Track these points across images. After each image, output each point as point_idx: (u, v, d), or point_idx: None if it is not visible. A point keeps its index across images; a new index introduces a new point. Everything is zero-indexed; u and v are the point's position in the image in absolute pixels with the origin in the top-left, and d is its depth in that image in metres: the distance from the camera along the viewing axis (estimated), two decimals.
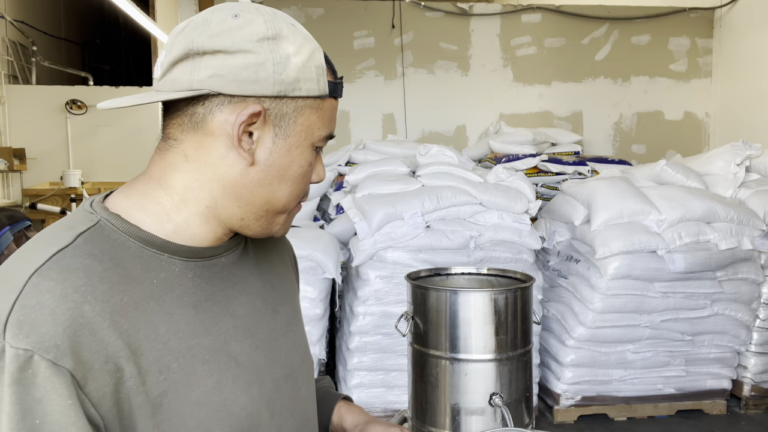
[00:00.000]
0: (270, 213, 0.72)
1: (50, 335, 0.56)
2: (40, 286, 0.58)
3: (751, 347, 3.31)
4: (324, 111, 0.71)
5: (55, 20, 8.42)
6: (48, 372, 0.55)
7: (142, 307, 0.63)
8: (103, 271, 0.62)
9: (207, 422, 0.66)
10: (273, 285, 0.82)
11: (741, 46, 4.93)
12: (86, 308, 0.58)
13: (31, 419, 0.54)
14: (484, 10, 5.13)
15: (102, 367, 0.58)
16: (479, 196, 3.14)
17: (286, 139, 0.70)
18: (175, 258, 0.69)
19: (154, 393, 0.62)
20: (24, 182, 6.86)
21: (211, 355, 0.68)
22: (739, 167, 3.47)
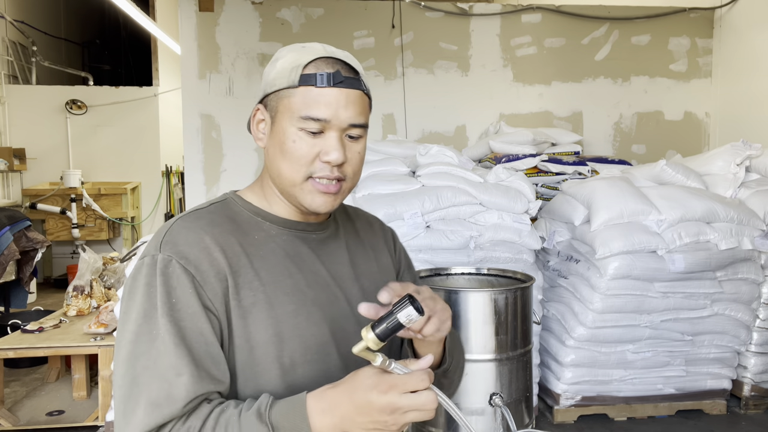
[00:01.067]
0: (286, 186, 0.96)
1: (183, 251, 0.89)
2: (182, 224, 0.94)
3: (751, 347, 3.31)
4: (298, 97, 0.93)
5: (55, 20, 8.42)
6: (179, 271, 0.88)
7: (245, 247, 0.94)
8: (222, 223, 0.95)
9: (282, 335, 0.92)
10: (358, 263, 1.07)
11: (741, 46, 4.92)
12: (206, 239, 0.91)
13: (171, 296, 0.87)
14: (484, 10, 5.13)
15: (215, 276, 0.89)
16: (479, 196, 3.14)
17: (275, 123, 0.96)
18: (273, 225, 0.99)
19: (245, 303, 0.91)
20: (24, 182, 6.86)
21: (292, 290, 0.94)
22: (739, 167, 3.47)
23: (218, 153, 4.87)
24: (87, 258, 3.86)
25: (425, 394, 0.80)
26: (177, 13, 5.05)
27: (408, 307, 0.79)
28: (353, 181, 0.99)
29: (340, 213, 1.13)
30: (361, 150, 0.99)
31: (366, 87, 0.97)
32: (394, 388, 0.79)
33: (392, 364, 0.80)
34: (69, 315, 3.55)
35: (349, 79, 0.94)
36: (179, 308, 0.86)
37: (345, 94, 0.93)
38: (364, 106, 0.96)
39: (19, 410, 3.29)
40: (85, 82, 7.75)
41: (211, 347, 0.87)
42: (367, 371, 0.82)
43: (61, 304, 4.09)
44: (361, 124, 0.96)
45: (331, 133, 0.93)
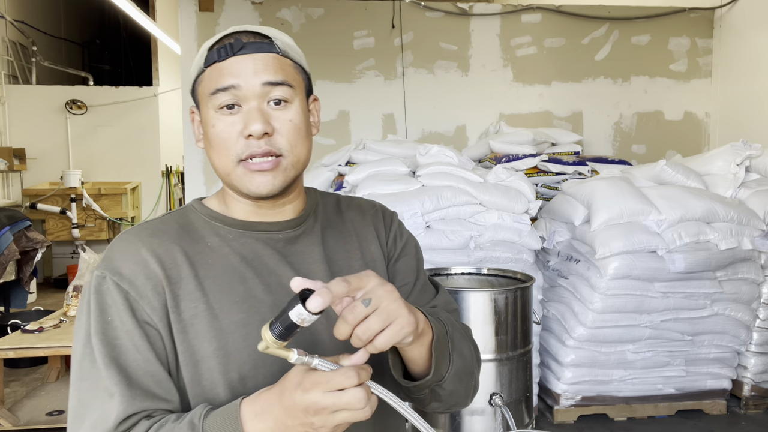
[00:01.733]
0: (224, 176, 0.90)
1: (117, 266, 0.86)
2: (123, 237, 0.90)
3: (751, 347, 3.31)
4: (206, 79, 0.88)
5: (55, 20, 8.42)
6: (112, 288, 0.84)
7: (190, 257, 0.89)
8: (167, 231, 0.90)
9: (227, 348, 0.85)
10: (335, 259, 0.98)
11: (741, 46, 4.92)
12: (143, 251, 0.87)
13: (105, 315, 0.84)
14: (484, 10, 5.13)
15: (152, 289, 0.85)
16: (479, 196, 3.14)
17: (201, 117, 0.91)
18: (231, 228, 0.93)
19: (185, 315, 0.85)
20: (24, 182, 6.86)
21: (242, 299, 0.88)
22: (739, 167, 3.47)
23: None
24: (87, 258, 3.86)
25: (352, 391, 0.69)
26: (177, 13, 5.05)
27: (297, 305, 0.69)
28: (295, 155, 0.89)
29: (326, 206, 1.04)
30: (294, 117, 0.88)
31: (281, 49, 0.88)
32: (317, 386, 0.70)
33: (314, 360, 0.72)
34: (69, 315, 3.55)
35: (253, 44, 0.87)
36: (114, 326, 0.83)
37: (251, 60, 0.86)
38: (281, 67, 0.88)
39: (19, 410, 3.29)
40: (85, 82, 7.74)
41: (150, 365, 0.83)
42: (295, 370, 0.74)
43: (61, 304, 4.09)
44: (280, 82, 0.86)
45: (247, 104, 0.86)
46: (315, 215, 1.01)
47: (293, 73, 0.90)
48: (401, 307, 0.73)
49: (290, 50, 0.91)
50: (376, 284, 0.73)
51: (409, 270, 1.06)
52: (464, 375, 0.92)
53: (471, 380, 0.96)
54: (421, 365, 0.86)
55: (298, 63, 0.92)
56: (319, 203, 1.03)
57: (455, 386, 0.90)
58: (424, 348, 0.84)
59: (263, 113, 0.86)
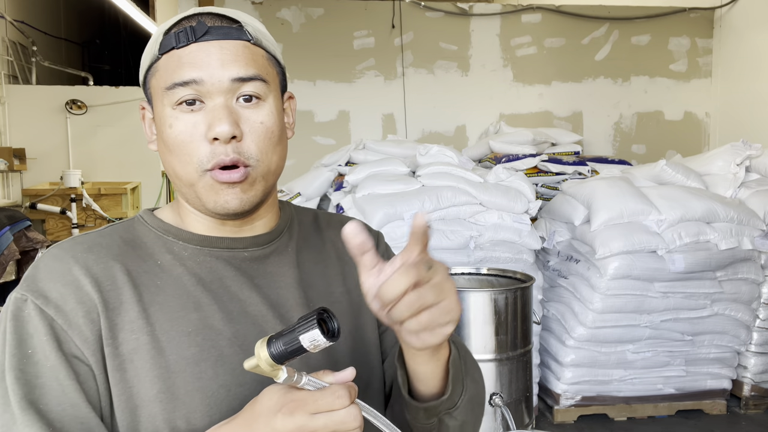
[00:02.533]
0: (184, 186, 0.75)
1: (43, 288, 0.70)
2: (54, 251, 0.74)
3: (751, 347, 3.31)
4: (161, 69, 0.73)
5: (55, 20, 8.42)
6: (35, 314, 0.68)
7: (134, 277, 0.73)
8: (106, 246, 0.75)
9: (175, 389, 0.69)
10: (312, 284, 0.82)
11: (741, 46, 4.92)
12: (75, 269, 0.71)
13: (25, 347, 0.67)
14: (484, 10, 5.13)
15: (84, 316, 0.69)
16: (479, 196, 3.14)
17: (155, 114, 0.76)
18: (187, 244, 0.77)
19: (124, 348, 0.70)
20: (24, 182, 6.85)
21: (196, 329, 0.72)
22: (739, 167, 3.47)
23: None
24: None
25: (346, 410, 0.59)
26: (177, 13, 5.04)
27: (313, 328, 0.58)
28: (265, 165, 0.74)
29: (303, 223, 0.89)
30: (266, 119, 0.73)
31: (253, 36, 0.74)
32: (302, 408, 0.59)
33: (303, 378, 0.61)
34: None
35: (219, 28, 0.72)
36: (35, 362, 0.67)
37: (217, 47, 0.71)
38: (253, 58, 0.73)
39: None
40: (85, 82, 7.75)
41: (78, 410, 0.66)
42: (270, 392, 0.62)
43: None
44: (252, 77, 0.72)
45: (212, 100, 0.71)
46: (289, 232, 0.85)
47: (267, 65, 0.75)
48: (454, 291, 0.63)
49: (263, 38, 0.76)
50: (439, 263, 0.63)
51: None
52: (476, 405, 0.80)
53: (481, 412, 0.83)
54: (432, 385, 0.73)
55: (272, 54, 0.77)
56: (294, 219, 0.88)
57: (466, 416, 0.77)
58: (440, 365, 0.72)
59: (231, 112, 0.71)
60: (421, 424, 0.75)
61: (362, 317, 0.85)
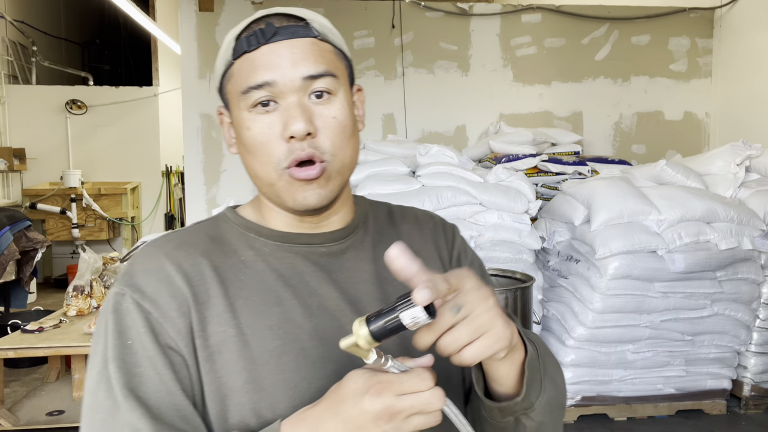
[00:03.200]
0: (264, 186, 0.78)
1: (139, 283, 0.75)
2: (147, 249, 0.79)
3: (751, 347, 3.31)
4: (236, 74, 0.76)
5: (55, 20, 8.42)
6: (133, 308, 0.73)
7: (221, 272, 0.77)
8: (194, 243, 0.79)
9: (259, 380, 0.73)
10: (389, 278, 0.79)
11: (741, 46, 4.92)
12: (167, 265, 0.76)
13: (125, 338, 0.72)
14: (484, 10, 5.13)
15: (177, 309, 0.73)
16: (479, 196, 3.14)
17: (233, 118, 0.79)
18: (268, 240, 0.81)
19: (213, 341, 0.74)
20: (24, 182, 6.86)
21: (278, 323, 0.75)
22: (739, 167, 3.47)
23: (218, 153, 4.87)
24: (87, 258, 3.86)
25: (431, 392, 0.61)
26: (177, 13, 5.05)
27: (413, 306, 0.60)
28: (340, 159, 0.76)
29: (378, 217, 0.91)
30: (338, 114, 0.76)
31: (320, 32, 0.77)
32: (389, 389, 0.61)
33: (389, 361, 0.63)
34: (69, 315, 3.55)
35: (287, 28, 0.75)
36: (134, 352, 0.71)
37: (287, 47, 0.74)
38: (321, 53, 0.76)
39: (19, 410, 3.29)
40: (85, 82, 7.75)
41: (174, 397, 0.71)
42: (354, 375, 0.64)
43: (61, 304, 4.09)
44: (322, 73, 0.74)
45: (286, 100, 0.74)
46: (365, 227, 0.87)
47: (335, 60, 0.78)
48: (496, 318, 0.62)
49: (329, 33, 0.79)
50: (472, 287, 0.63)
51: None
52: (555, 407, 0.79)
53: (561, 415, 0.82)
54: (508, 386, 0.73)
55: (339, 48, 0.80)
56: (370, 213, 0.90)
57: (544, 417, 0.77)
58: (515, 367, 0.72)
59: (305, 110, 0.73)
60: (497, 422, 0.76)
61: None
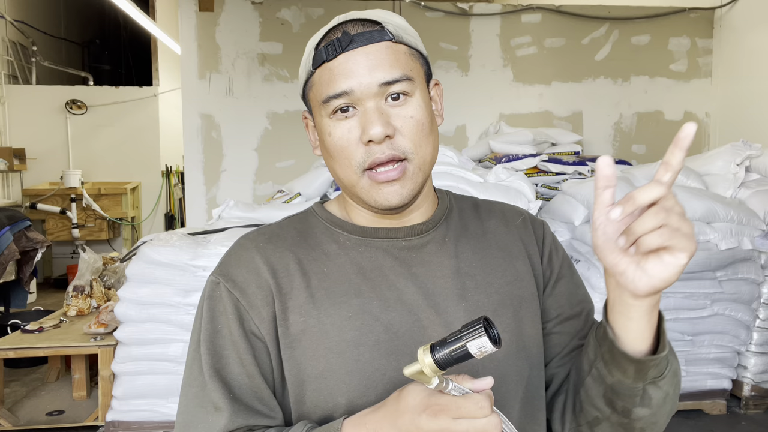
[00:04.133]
0: (347, 187, 0.82)
1: (232, 273, 0.81)
2: (241, 241, 0.86)
3: (751, 347, 3.31)
4: (317, 83, 0.80)
5: (55, 20, 8.42)
6: (225, 295, 0.80)
7: (304, 265, 0.82)
8: (284, 237, 0.85)
9: (337, 368, 0.77)
10: (471, 274, 0.84)
11: (741, 46, 4.92)
12: (257, 258, 0.82)
13: (216, 322, 0.80)
14: (484, 10, 5.13)
15: (262, 299, 0.79)
16: (479, 196, 3.14)
17: (316, 124, 0.83)
18: (351, 235, 0.84)
19: (293, 329, 0.78)
20: (24, 182, 6.86)
21: (355, 314, 0.78)
22: (739, 167, 3.47)
23: (218, 153, 4.87)
24: (87, 258, 3.86)
25: (486, 419, 0.62)
26: (177, 13, 5.05)
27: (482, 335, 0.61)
28: (421, 157, 0.78)
29: (461, 211, 0.91)
30: (416, 113, 0.77)
31: (395, 35, 0.78)
32: (446, 412, 0.63)
33: (450, 384, 0.64)
34: (69, 315, 3.55)
35: (362, 35, 0.76)
36: (223, 335, 0.79)
37: (363, 54, 0.76)
38: (396, 57, 0.77)
39: (19, 410, 3.29)
40: (85, 82, 7.75)
41: (253, 380, 0.78)
42: (414, 391, 0.65)
43: (61, 304, 4.09)
44: (398, 78, 0.76)
45: (363, 105, 0.76)
46: (447, 221, 0.88)
47: (410, 61, 0.79)
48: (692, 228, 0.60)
49: (404, 34, 0.80)
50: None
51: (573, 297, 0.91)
52: (678, 381, 0.76)
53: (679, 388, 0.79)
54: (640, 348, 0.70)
55: (414, 48, 0.81)
56: (454, 207, 0.91)
57: (670, 388, 0.74)
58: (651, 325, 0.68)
59: (381, 113, 0.76)
60: (627, 387, 0.72)
61: (522, 311, 0.85)
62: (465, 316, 0.80)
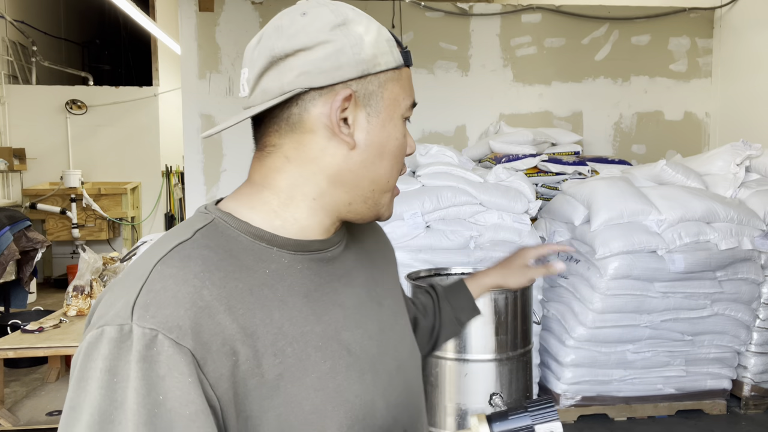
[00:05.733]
0: (376, 192, 0.75)
1: (173, 316, 0.59)
2: (164, 272, 0.62)
3: (751, 347, 3.31)
4: (403, 80, 0.74)
5: (55, 20, 8.42)
6: (171, 350, 0.57)
7: (257, 294, 0.66)
8: (219, 261, 0.66)
9: (323, 407, 0.67)
10: (375, 279, 0.84)
11: (741, 46, 4.92)
12: (204, 292, 0.62)
13: (156, 394, 0.56)
14: (484, 10, 5.13)
15: (219, 348, 0.61)
16: (479, 196, 3.14)
17: (378, 116, 0.72)
18: (284, 251, 0.71)
19: (270, 375, 0.64)
20: (24, 182, 6.86)
21: (324, 342, 0.70)
22: (739, 167, 3.47)
23: (218, 153, 4.87)
24: (87, 258, 3.86)
25: None
26: (177, 13, 5.05)
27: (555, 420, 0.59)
28: None
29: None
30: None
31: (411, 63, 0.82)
32: None
33: None
34: (69, 315, 3.55)
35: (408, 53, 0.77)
36: (169, 409, 0.56)
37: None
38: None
39: (19, 410, 3.29)
40: (85, 82, 7.75)
41: None
42: None
43: (61, 304, 4.09)
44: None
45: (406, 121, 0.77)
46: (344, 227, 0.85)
47: None
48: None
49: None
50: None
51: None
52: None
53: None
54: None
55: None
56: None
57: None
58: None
59: None
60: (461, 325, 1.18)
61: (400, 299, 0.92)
62: (389, 322, 0.81)
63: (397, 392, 0.78)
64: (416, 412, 0.81)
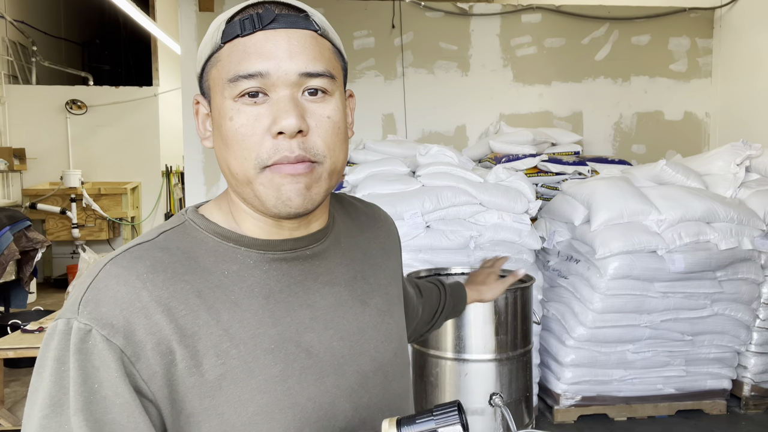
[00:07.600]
0: (241, 181, 0.68)
1: (109, 314, 0.62)
2: (111, 272, 0.65)
3: (751, 347, 3.31)
4: (224, 59, 0.68)
5: (55, 20, 8.42)
6: (102, 345, 0.61)
7: (206, 296, 0.67)
8: (171, 263, 0.67)
9: (269, 409, 0.67)
10: (365, 276, 0.81)
11: (741, 46, 4.92)
12: (143, 293, 0.64)
13: (92, 383, 0.61)
14: (484, 10, 5.13)
15: (155, 347, 0.63)
16: (479, 196, 3.14)
17: (212, 107, 0.71)
18: (252, 251, 0.71)
19: (210, 376, 0.65)
20: (24, 182, 6.86)
21: (277, 345, 0.69)
22: (739, 167, 3.47)
23: None
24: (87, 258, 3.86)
25: None
26: (177, 13, 5.05)
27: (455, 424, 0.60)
28: (333, 162, 0.70)
29: (335, 207, 0.86)
30: (332, 114, 0.69)
31: (321, 27, 0.70)
32: None
33: None
34: None
35: (286, 16, 0.67)
36: (103, 397, 0.61)
37: (284, 37, 0.66)
38: (320, 50, 0.69)
39: (19, 410, 3.29)
40: (85, 82, 7.74)
41: None
42: None
43: (61, 304, 4.08)
44: (320, 73, 0.68)
45: (277, 93, 0.66)
46: (333, 219, 0.82)
47: (333, 59, 0.72)
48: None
49: (329, 30, 0.73)
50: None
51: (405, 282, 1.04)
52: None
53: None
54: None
55: (337, 47, 0.74)
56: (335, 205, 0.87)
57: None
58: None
59: (297, 105, 0.66)
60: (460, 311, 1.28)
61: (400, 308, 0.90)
62: (372, 322, 0.79)
63: (371, 394, 0.76)
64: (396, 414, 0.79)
